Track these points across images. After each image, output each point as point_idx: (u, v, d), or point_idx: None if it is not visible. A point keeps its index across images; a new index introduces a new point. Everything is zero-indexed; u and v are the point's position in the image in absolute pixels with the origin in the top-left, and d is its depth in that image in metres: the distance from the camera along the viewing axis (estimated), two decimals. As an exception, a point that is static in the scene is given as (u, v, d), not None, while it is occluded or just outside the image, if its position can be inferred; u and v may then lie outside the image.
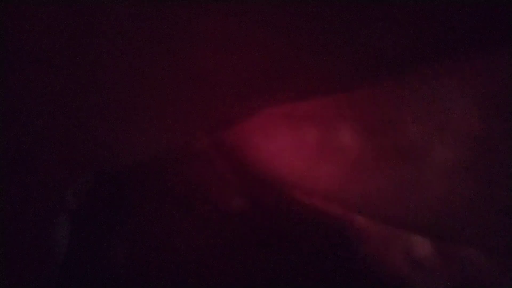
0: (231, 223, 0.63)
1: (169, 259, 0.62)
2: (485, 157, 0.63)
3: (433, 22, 0.63)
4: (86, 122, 0.66)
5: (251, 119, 0.65)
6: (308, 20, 0.63)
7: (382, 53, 0.64)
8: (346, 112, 0.65)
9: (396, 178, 0.64)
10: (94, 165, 0.65)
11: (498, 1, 0.63)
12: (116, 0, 0.65)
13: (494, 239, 0.62)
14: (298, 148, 0.65)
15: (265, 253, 0.62)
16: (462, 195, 0.63)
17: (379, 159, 0.64)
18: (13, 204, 0.65)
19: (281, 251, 0.63)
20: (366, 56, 0.64)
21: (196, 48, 0.65)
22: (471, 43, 0.64)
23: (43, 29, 0.65)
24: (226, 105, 0.65)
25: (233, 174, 0.65)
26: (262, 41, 0.64)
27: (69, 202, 0.64)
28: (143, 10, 0.65)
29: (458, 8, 0.63)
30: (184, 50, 0.65)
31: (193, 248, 0.62)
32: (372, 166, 0.64)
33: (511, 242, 0.62)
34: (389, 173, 0.64)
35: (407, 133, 0.64)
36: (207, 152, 0.66)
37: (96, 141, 0.65)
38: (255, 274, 0.61)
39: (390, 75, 0.65)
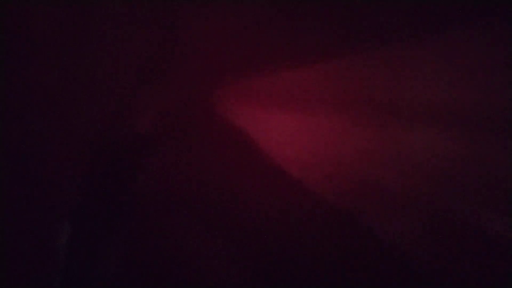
0: (232, 223, 0.63)
1: (168, 260, 0.62)
2: (473, 134, 0.63)
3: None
4: (86, 122, 0.66)
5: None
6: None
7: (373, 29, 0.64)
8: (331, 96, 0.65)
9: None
10: (95, 165, 0.65)
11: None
12: (116, 0, 0.65)
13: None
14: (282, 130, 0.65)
15: (265, 255, 0.62)
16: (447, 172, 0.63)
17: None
18: (13, 204, 0.65)
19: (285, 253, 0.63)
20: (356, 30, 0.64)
21: (196, 48, 0.65)
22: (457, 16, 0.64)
23: (43, 29, 0.65)
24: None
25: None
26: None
27: (69, 202, 0.64)
28: (143, 10, 0.65)
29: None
30: (184, 50, 0.65)
31: (193, 249, 0.62)
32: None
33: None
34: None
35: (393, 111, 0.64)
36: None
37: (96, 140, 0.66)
38: (256, 276, 0.61)
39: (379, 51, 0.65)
